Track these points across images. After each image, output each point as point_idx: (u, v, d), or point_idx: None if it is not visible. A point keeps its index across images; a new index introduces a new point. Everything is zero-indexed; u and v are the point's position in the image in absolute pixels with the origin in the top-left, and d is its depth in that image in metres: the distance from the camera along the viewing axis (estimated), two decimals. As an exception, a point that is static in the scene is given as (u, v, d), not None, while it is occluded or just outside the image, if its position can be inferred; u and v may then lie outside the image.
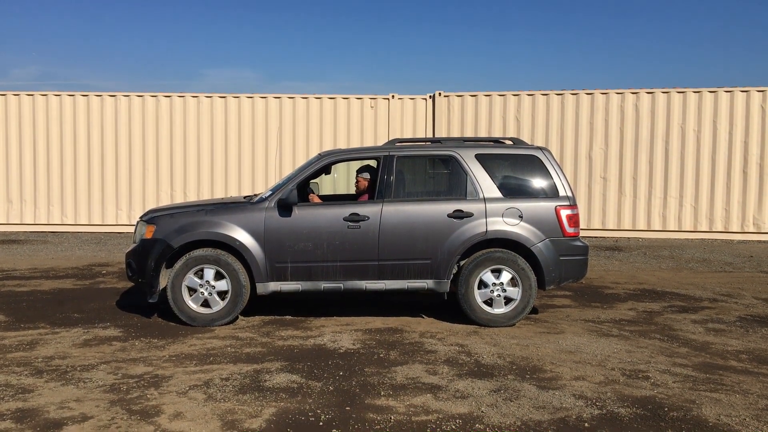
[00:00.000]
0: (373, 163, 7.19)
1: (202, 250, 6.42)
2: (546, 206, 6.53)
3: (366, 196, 6.91)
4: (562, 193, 6.60)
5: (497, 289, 6.46)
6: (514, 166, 6.77)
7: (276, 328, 6.42)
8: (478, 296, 6.46)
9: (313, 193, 7.22)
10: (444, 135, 14.21)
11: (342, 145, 14.25)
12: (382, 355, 5.48)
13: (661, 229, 13.62)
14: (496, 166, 6.68)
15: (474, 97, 14.20)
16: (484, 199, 6.52)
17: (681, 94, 13.53)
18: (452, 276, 6.54)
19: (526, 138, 13.68)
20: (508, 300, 6.48)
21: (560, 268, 6.50)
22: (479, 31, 48.12)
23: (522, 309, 6.46)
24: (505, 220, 6.47)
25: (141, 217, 6.80)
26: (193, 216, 6.52)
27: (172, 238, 6.40)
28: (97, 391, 4.57)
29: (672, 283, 8.89)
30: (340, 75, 48.23)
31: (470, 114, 14.21)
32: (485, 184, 6.57)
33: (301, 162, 14.22)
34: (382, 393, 4.57)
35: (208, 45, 48.79)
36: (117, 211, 14.35)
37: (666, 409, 4.29)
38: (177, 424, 4.02)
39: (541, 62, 45.58)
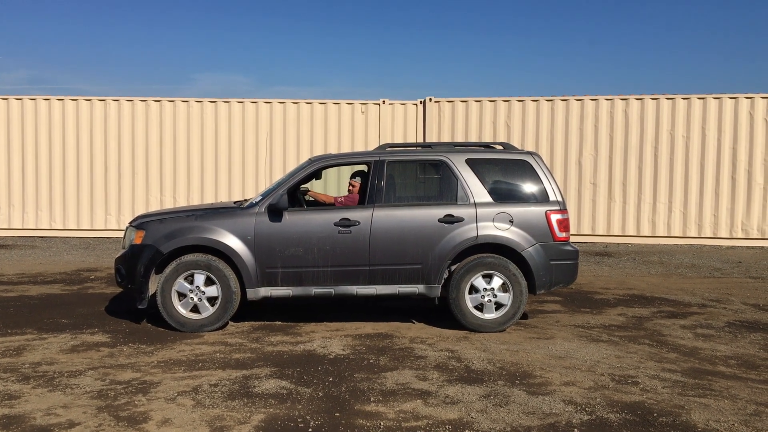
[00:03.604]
0: (364, 167, 7.19)
1: (192, 256, 6.39)
2: (536, 211, 6.54)
3: (356, 201, 6.90)
4: (552, 197, 6.61)
5: (488, 294, 6.45)
6: (505, 170, 6.77)
7: (265, 333, 6.39)
8: (469, 301, 6.46)
9: (310, 190, 7.26)
10: (435, 140, 14.22)
11: (333, 150, 14.24)
12: (372, 361, 5.46)
13: (650, 234, 13.67)
14: (486, 171, 6.68)
15: (464, 103, 14.23)
16: (475, 204, 6.53)
17: (670, 100, 13.62)
18: (443, 281, 6.53)
19: (516, 144, 13.72)
20: (498, 305, 6.47)
21: (551, 273, 6.51)
22: (471, 37, 48.32)
23: (513, 314, 6.46)
24: (495, 224, 6.47)
25: (130, 223, 6.76)
26: (183, 221, 6.49)
27: (162, 244, 6.36)
28: (84, 398, 4.54)
29: (661, 289, 8.92)
30: (333, 80, 48.29)
31: (461, 119, 14.24)
32: (476, 188, 6.58)
33: (291, 167, 14.21)
34: (372, 399, 4.56)
35: (198, 49, 48.74)
36: (106, 216, 14.27)
37: (655, 414, 4.30)
38: (165, 430, 3.99)
39: (532, 68, 45.81)
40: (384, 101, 14.35)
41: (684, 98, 13.57)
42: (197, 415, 4.23)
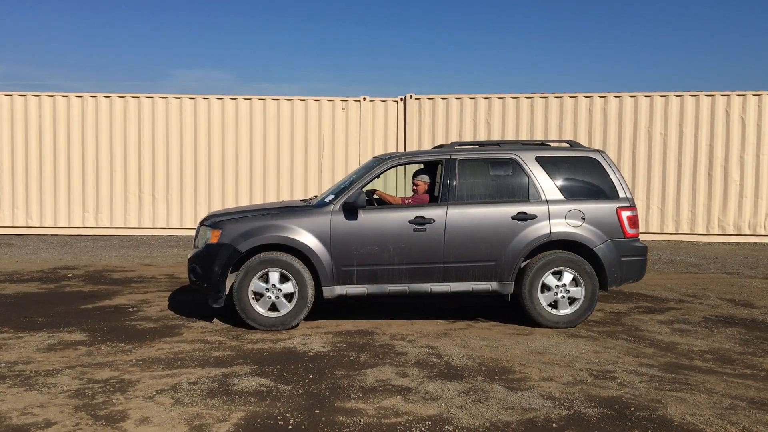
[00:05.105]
0: (422, 166, 7.28)
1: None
2: (607, 207, 6.60)
3: (425, 200, 6.90)
4: (621, 194, 6.68)
5: (561, 291, 6.50)
6: (574, 168, 6.79)
7: (245, 331, 6.36)
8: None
9: (377, 190, 7.25)
10: (415, 137, 14.26)
11: (314, 148, 14.20)
12: (352, 358, 5.46)
13: (628, 231, 13.78)
14: (556, 169, 6.71)
15: (445, 100, 14.27)
16: (547, 201, 6.56)
17: (648, 98, 13.76)
18: (515, 278, 6.56)
19: (496, 141, 13.76)
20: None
21: (622, 269, 6.57)
22: (454, 34, 48.41)
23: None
24: (567, 221, 6.52)
25: (203, 222, 6.72)
26: (259, 220, 6.46)
27: (239, 242, 6.32)
28: (61, 397, 4.49)
29: (639, 285, 9.00)
30: (313, 77, 48.09)
31: (441, 116, 14.28)
32: (546, 186, 6.62)
33: (271, 165, 14.18)
34: (352, 396, 4.56)
35: (176, 45, 48.32)
36: (83, 213, 14.12)
37: (632, 408, 4.34)
38: (143, 429, 3.96)
39: (514, 66, 46.01)
40: (365, 98, 14.34)
41: (662, 96, 13.72)
42: (176, 414, 4.20)
